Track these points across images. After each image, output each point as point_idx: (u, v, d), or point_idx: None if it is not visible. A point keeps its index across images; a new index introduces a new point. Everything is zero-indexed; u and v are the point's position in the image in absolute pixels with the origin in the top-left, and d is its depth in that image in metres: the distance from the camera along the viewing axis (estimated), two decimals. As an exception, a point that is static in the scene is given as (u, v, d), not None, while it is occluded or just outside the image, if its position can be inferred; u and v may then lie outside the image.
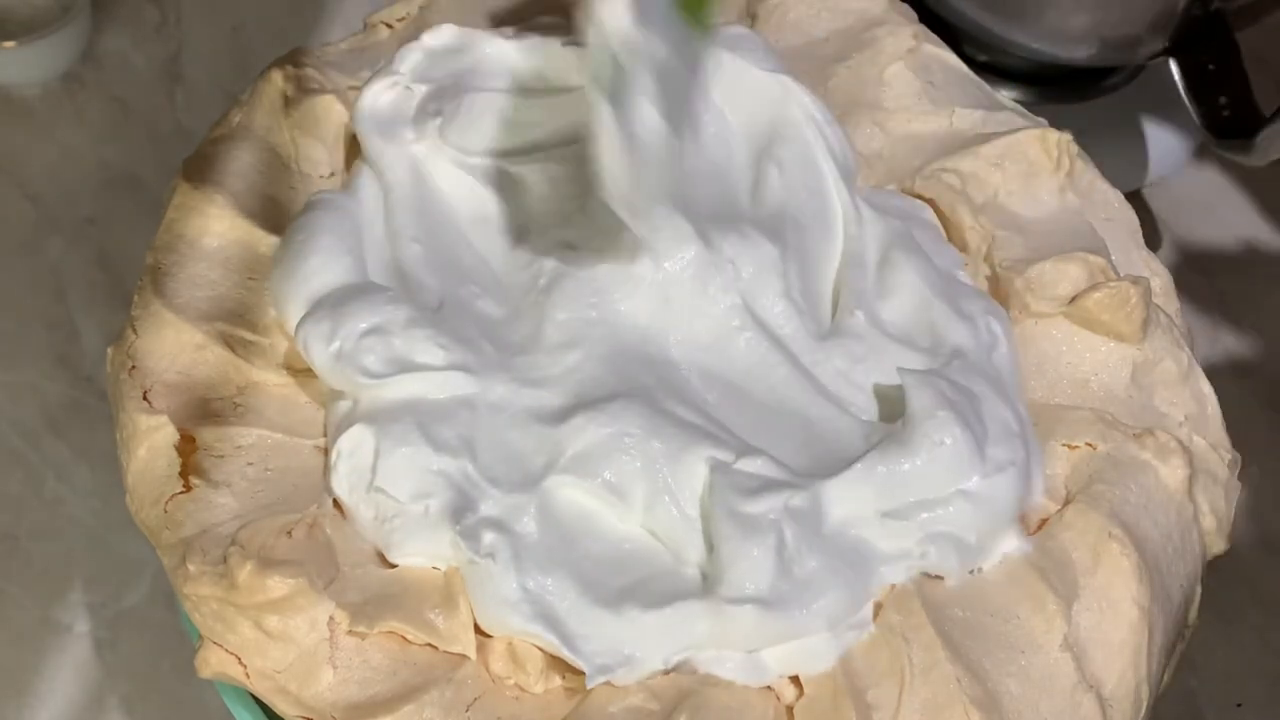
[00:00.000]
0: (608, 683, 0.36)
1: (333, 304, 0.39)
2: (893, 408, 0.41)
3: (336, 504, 0.39)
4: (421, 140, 0.43)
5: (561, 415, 0.38)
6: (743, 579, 0.36)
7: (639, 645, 0.36)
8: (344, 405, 0.39)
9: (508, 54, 0.45)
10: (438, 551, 0.37)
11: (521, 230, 0.44)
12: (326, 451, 0.40)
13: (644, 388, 0.39)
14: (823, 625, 0.36)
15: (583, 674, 0.36)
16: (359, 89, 0.46)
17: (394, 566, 0.38)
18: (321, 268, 0.40)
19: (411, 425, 0.38)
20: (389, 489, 0.37)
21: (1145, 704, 0.39)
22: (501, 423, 0.39)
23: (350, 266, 0.41)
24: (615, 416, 0.38)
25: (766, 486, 0.37)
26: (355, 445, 0.38)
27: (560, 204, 0.43)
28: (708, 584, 0.37)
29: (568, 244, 0.42)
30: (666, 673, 0.36)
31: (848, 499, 0.38)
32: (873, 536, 0.38)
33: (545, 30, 0.46)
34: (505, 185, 0.44)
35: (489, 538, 0.36)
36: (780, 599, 0.36)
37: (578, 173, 0.44)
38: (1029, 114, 0.50)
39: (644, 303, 0.41)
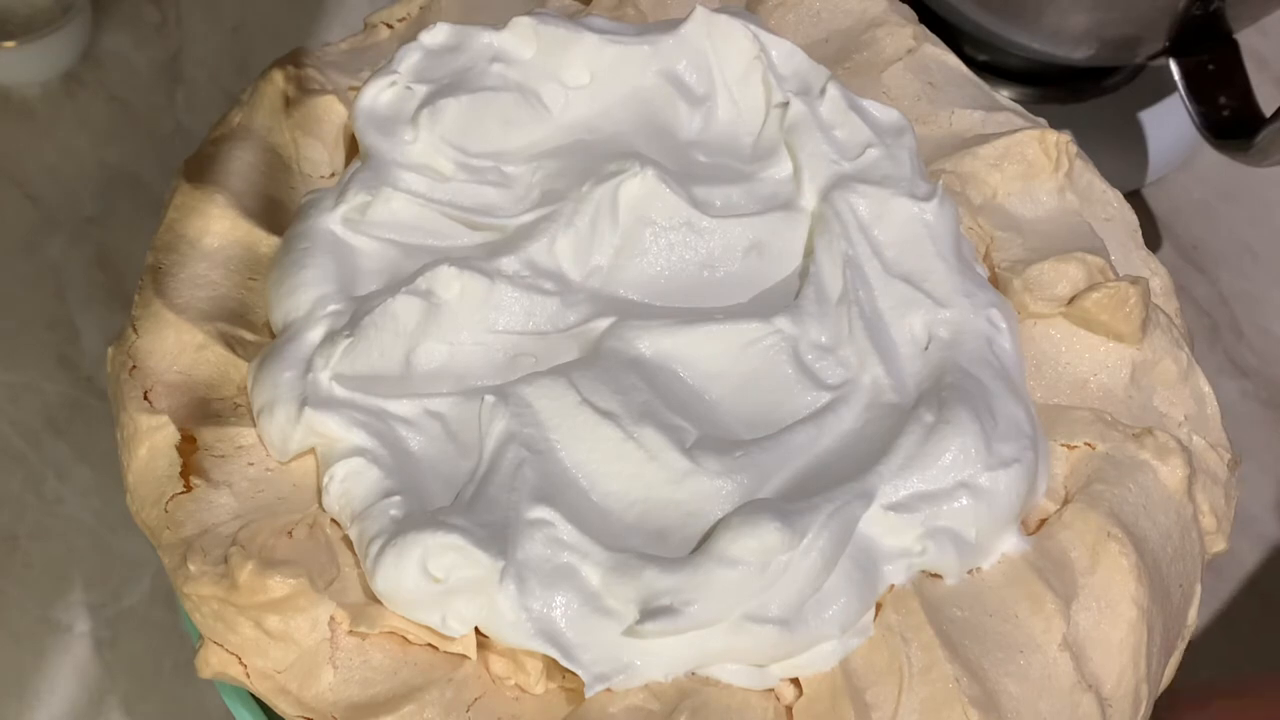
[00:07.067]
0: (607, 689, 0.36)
1: (263, 356, 0.40)
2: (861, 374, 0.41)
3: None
4: (419, 140, 0.43)
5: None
6: (773, 600, 0.36)
7: (641, 655, 0.36)
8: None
9: (507, 51, 0.46)
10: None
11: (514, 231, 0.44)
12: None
13: (642, 403, 0.39)
14: (835, 632, 0.36)
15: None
16: (359, 89, 0.46)
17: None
18: (307, 282, 0.41)
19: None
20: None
21: (1145, 703, 0.39)
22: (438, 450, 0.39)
23: (333, 285, 0.41)
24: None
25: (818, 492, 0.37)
26: (349, 474, 0.38)
27: (555, 200, 0.43)
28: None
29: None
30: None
31: (887, 492, 0.38)
32: (878, 533, 0.38)
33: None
34: (501, 184, 0.44)
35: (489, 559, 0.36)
36: (801, 616, 0.36)
37: (574, 168, 0.44)
38: (1029, 114, 0.50)
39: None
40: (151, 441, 0.39)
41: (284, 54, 0.48)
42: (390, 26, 0.50)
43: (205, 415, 0.40)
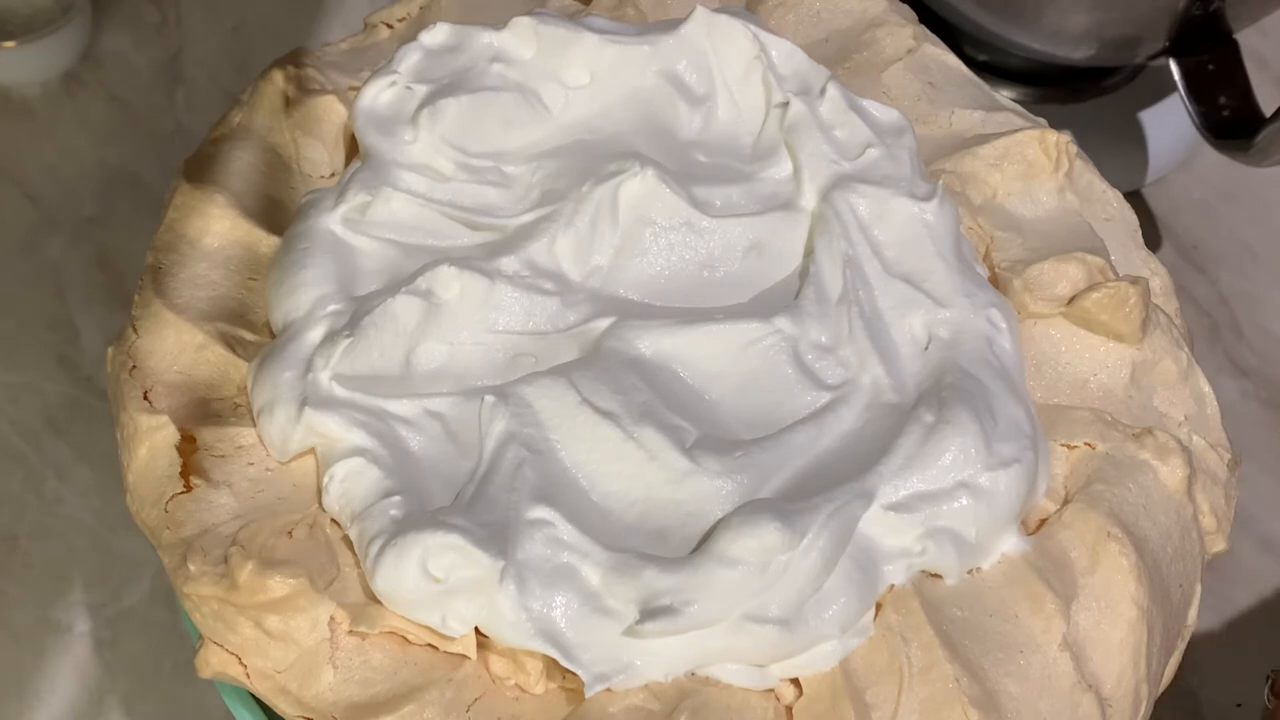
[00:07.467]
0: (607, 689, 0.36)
1: (263, 356, 0.40)
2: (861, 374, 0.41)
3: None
4: (419, 140, 0.43)
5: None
6: (772, 600, 0.36)
7: (641, 655, 0.36)
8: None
9: (507, 51, 0.46)
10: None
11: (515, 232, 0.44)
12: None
13: (642, 403, 0.39)
14: (835, 632, 0.36)
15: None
16: (359, 89, 0.46)
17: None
18: (307, 282, 0.41)
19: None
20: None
21: (1145, 703, 0.39)
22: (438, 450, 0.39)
23: (333, 285, 0.41)
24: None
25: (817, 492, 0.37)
26: (349, 474, 0.38)
27: (555, 200, 0.43)
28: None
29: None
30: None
31: (887, 492, 0.38)
32: (878, 533, 0.38)
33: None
34: (501, 184, 0.44)
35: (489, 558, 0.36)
36: (801, 616, 0.36)
37: (574, 168, 0.44)
38: (1029, 114, 0.50)
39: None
40: (151, 441, 0.39)
41: (284, 54, 0.48)
42: (390, 26, 0.50)
43: (205, 415, 0.40)
